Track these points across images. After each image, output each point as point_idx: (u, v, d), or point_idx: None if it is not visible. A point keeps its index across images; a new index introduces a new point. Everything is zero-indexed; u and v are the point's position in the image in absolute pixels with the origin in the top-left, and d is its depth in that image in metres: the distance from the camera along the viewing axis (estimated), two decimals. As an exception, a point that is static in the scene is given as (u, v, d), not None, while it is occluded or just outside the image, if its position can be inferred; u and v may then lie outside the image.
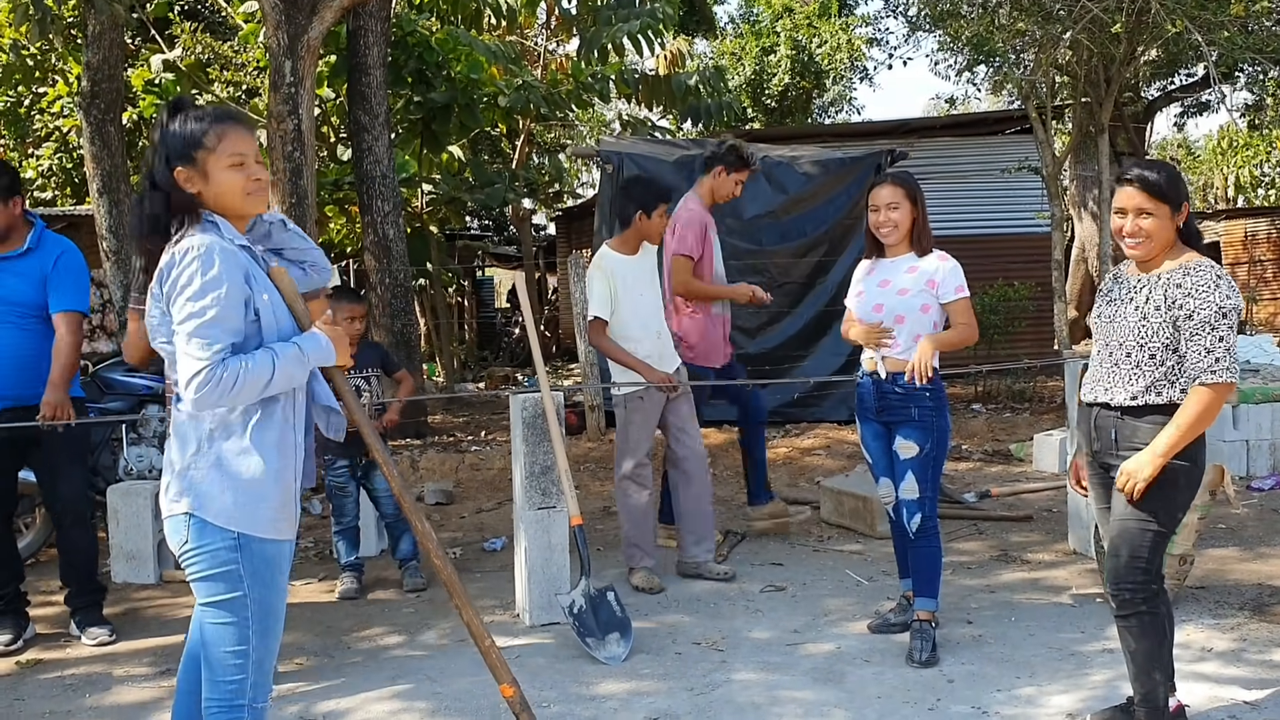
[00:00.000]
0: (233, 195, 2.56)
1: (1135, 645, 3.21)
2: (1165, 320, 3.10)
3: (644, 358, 5.05)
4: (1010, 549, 5.65)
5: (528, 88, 12.83)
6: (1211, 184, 27.37)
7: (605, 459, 8.39)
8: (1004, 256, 12.74)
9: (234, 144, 2.55)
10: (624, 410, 5.14)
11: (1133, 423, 3.18)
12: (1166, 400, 3.12)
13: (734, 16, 26.71)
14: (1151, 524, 3.13)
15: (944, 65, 13.12)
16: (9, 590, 4.55)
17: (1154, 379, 3.14)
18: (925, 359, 4.01)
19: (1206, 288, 3.05)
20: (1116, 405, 3.20)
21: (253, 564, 2.53)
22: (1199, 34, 8.64)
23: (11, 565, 4.58)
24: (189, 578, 2.56)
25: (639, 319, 5.10)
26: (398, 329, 9.50)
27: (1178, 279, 3.10)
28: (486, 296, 23.80)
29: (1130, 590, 3.17)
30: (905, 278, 4.18)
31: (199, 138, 2.54)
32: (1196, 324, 3.04)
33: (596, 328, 5.10)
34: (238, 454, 2.50)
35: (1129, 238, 3.16)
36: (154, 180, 2.56)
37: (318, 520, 6.60)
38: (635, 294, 5.10)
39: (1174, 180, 3.14)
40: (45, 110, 13.98)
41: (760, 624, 4.59)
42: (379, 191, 9.51)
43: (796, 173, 9.56)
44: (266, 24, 8.11)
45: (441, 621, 4.72)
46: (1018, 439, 8.62)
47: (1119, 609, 3.21)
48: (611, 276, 5.06)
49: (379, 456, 2.94)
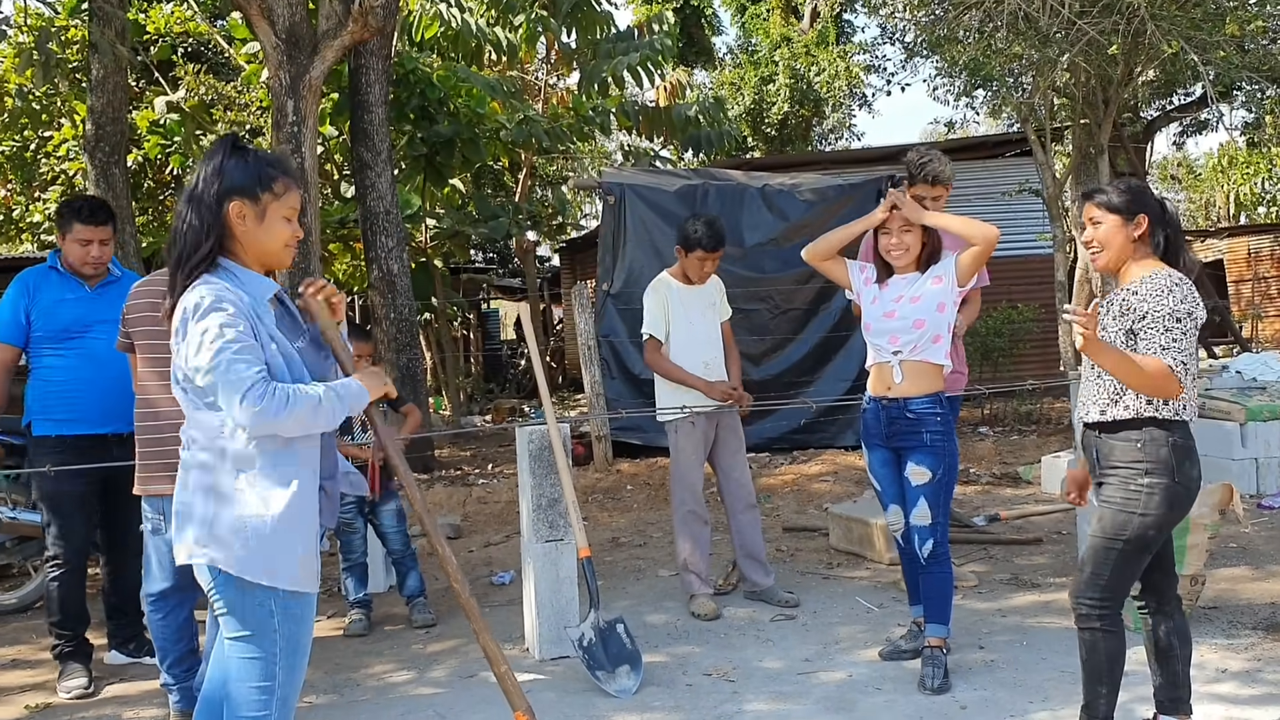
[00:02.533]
0: (277, 244, 2.64)
1: (1086, 657, 3.28)
2: (1120, 327, 3.16)
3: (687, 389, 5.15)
4: (1021, 572, 5.62)
5: (529, 122, 12.91)
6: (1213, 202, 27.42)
7: (613, 489, 8.39)
8: (1007, 279, 12.70)
9: (294, 198, 2.66)
10: (674, 435, 5.22)
11: (1110, 441, 3.22)
12: (1134, 414, 3.14)
13: (732, 47, 26.99)
14: (1117, 542, 3.15)
15: (942, 90, 13.15)
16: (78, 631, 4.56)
17: (1115, 388, 3.17)
18: None
19: (1159, 293, 3.11)
20: (1093, 422, 3.26)
21: (282, 600, 2.53)
22: (1195, 54, 8.68)
23: (83, 608, 4.60)
24: (218, 612, 2.56)
25: (686, 346, 5.18)
26: (403, 363, 9.52)
27: (1135, 286, 3.18)
28: (492, 329, 23.86)
29: (1088, 605, 3.22)
30: (915, 287, 4.20)
31: (270, 181, 2.60)
32: (1148, 323, 3.10)
33: (650, 346, 5.22)
34: (257, 502, 2.49)
35: (1086, 246, 3.33)
36: (199, 207, 2.57)
37: (326, 557, 6.58)
38: (686, 320, 5.19)
39: (1125, 193, 3.25)
40: (51, 154, 14.06)
41: (771, 653, 4.56)
42: (383, 227, 9.56)
43: (797, 200, 9.60)
44: (268, 64, 8.18)
45: (450, 658, 4.70)
46: (1025, 461, 8.59)
47: (1077, 620, 3.27)
48: (665, 299, 5.19)
49: (405, 480, 2.95)
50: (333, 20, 8.12)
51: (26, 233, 15.05)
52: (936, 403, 4.14)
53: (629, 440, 9.40)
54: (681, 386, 5.16)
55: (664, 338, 5.20)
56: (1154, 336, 3.08)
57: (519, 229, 14.81)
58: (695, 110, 14.38)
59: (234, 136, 2.70)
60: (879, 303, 4.27)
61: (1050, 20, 8.96)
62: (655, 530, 7.11)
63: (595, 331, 9.23)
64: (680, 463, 5.23)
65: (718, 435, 5.28)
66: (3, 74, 13.13)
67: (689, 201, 9.46)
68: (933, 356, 4.16)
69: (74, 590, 4.54)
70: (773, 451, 9.34)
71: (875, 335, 4.26)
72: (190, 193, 2.61)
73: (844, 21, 24.41)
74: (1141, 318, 3.11)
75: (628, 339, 9.36)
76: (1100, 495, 3.25)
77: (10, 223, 15.17)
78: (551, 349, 20.11)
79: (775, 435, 9.40)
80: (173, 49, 13.59)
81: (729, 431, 5.30)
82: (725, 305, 5.41)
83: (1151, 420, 3.13)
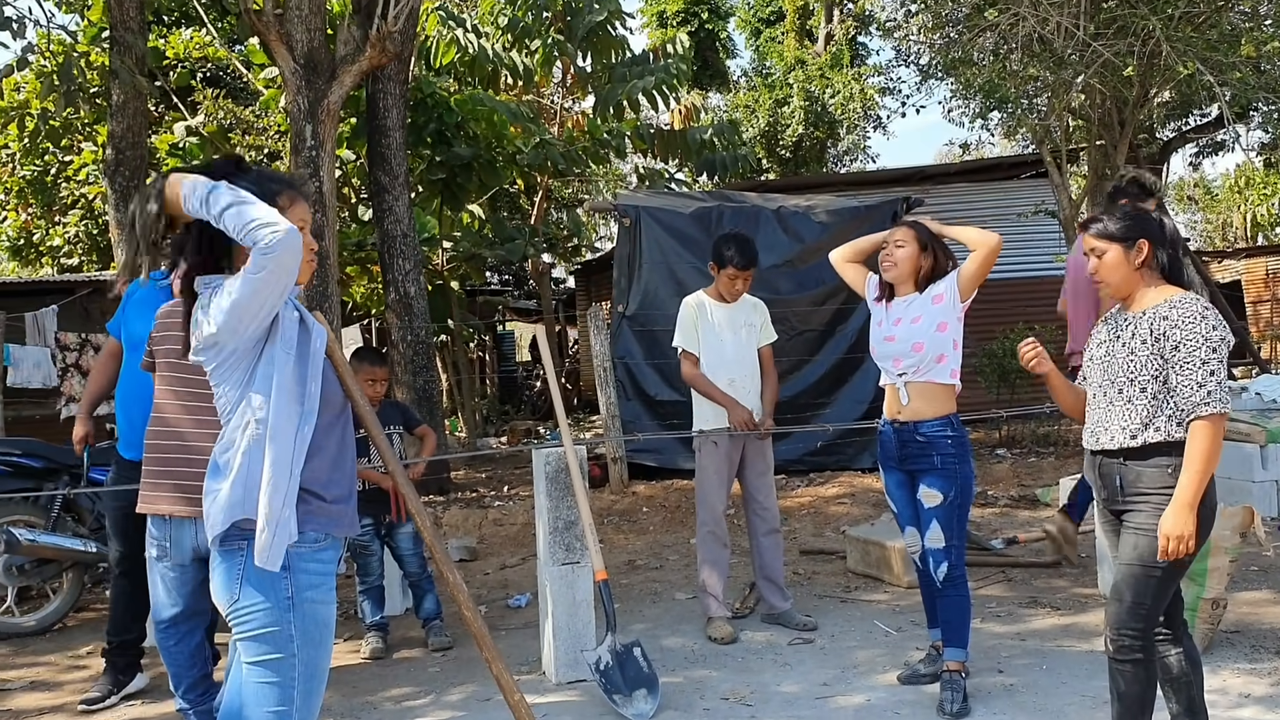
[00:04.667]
0: None
1: (1125, 689, 3.21)
2: (1153, 353, 3.12)
3: (717, 409, 5.16)
4: (1039, 595, 5.58)
5: (545, 145, 12.99)
6: (1230, 222, 27.32)
7: (629, 511, 8.37)
8: (1023, 300, 12.71)
9: (302, 210, 2.67)
10: (699, 455, 5.24)
11: (1136, 468, 3.16)
12: (1165, 436, 3.10)
13: (747, 70, 27.10)
14: (1155, 569, 3.10)
15: (957, 112, 13.20)
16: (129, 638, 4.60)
17: (1148, 413, 3.13)
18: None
19: (1193, 320, 3.07)
20: (1118, 448, 3.18)
21: (304, 624, 2.53)
22: (1211, 75, 8.67)
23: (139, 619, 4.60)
24: (237, 637, 2.55)
25: (713, 363, 5.19)
26: (420, 385, 9.55)
27: (1164, 311, 3.13)
28: (507, 350, 23.89)
29: (1130, 636, 3.15)
30: (915, 308, 4.21)
31: (274, 196, 2.61)
32: (1184, 355, 3.06)
33: (684, 360, 5.25)
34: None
35: (1092, 277, 3.31)
36: (203, 227, 2.56)
37: (342, 579, 6.58)
38: (716, 338, 5.21)
39: (1122, 220, 3.24)
40: (71, 178, 14.24)
41: (789, 677, 4.54)
42: (400, 250, 9.62)
43: (813, 221, 9.61)
44: (287, 89, 8.26)
45: (467, 681, 4.69)
46: (1043, 483, 8.55)
47: (1116, 653, 3.19)
48: (697, 314, 5.24)
49: (413, 507, 2.95)
50: (351, 45, 8.20)
51: (46, 256, 15.19)
52: (948, 425, 4.13)
53: (645, 462, 9.39)
54: (716, 405, 5.17)
55: (694, 350, 5.21)
56: (1190, 371, 3.04)
57: (535, 251, 14.87)
58: (710, 133, 14.45)
59: (236, 156, 2.70)
60: (882, 325, 4.30)
61: (1065, 42, 8.97)
62: (671, 553, 7.10)
63: (610, 353, 9.24)
64: (702, 483, 5.24)
65: (745, 456, 5.27)
66: (25, 99, 13.31)
67: (704, 224, 9.48)
68: (938, 377, 4.15)
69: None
70: (790, 474, 9.31)
71: (879, 358, 4.31)
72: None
73: (858, 44, 24.52)
74: (1175, 347, 3.07)
75: (643, 361, 9.37)
76: (1128, 523, 3.19)
77: (30, 246, 15.32)
78: (567, 371, 20.14)
79: (792, 457, 9.38)
80: (192, 74, 13.76)
81: (757, 454, 5.29)
82: (769, 330, 5.39)
83: (1182, 444, 3.09)
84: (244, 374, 2.52)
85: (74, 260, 14.66)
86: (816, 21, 24.64)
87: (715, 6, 23.71)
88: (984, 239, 4.18)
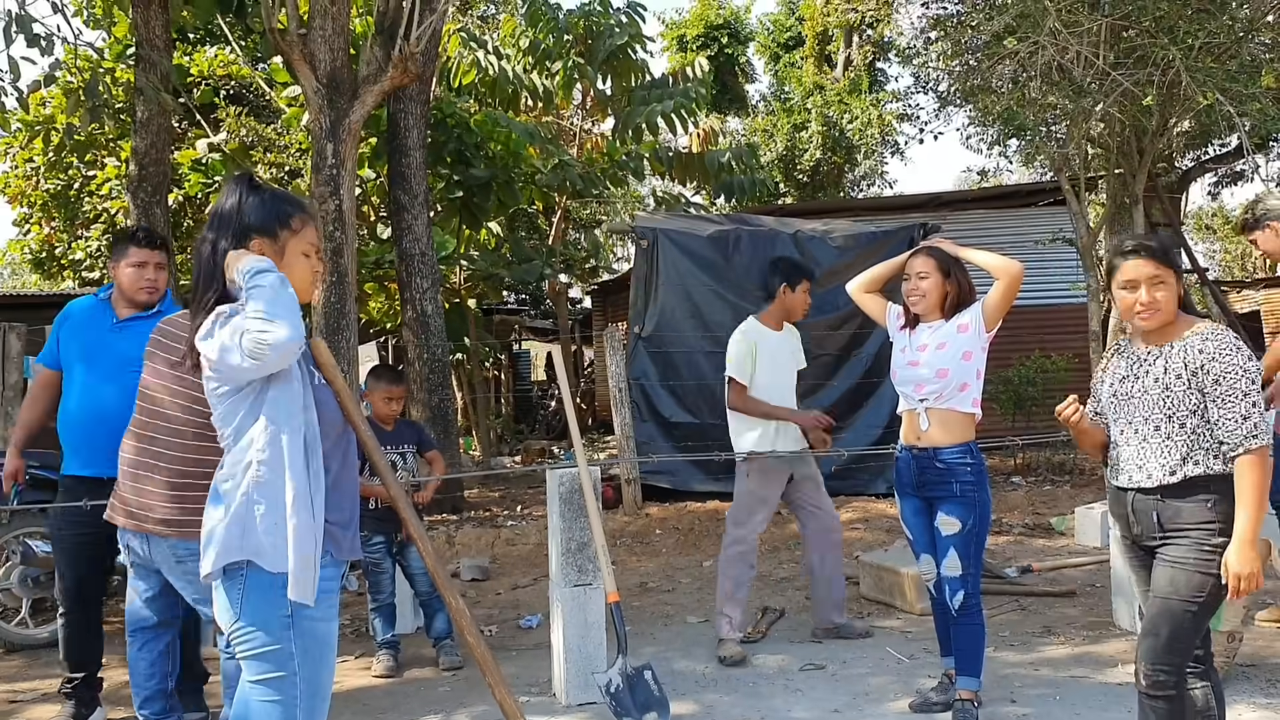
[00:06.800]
0: (298, 280, 2.66)
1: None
2: (1190, 388, 3.07)
3: (763, 433, 5.17)
4: (1054, 625, 5.55)
5: (564, 166, 13.05)
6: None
7: (642, 534, 8.36)
8: (1040, 328, 12.69)
9: (312, 233, 2.70)
10: (744, 475, 5.23)
11: (1175, 504, 3.10)
12: (1204, 470, 3.06)
13: (765, 94, 27.17)
14: (1194, 605, 3.06)
15: (975, 139, 13.21)
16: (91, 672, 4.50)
17: (1188, 449, 3.08)
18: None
19: (1230, 352, 3.03)
20: (1156, 485, 3.13)
21: (304, 641, 2.53)
22: (1231, 106, 8.66)
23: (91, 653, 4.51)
24: (239, 655, 2.56)
25: (768, 391, 5.20)
26: (435, 403, 9.57)
27: (1198, 345, 3.07)
28: (523, 369, 23.91)
29: (1166, 672, 3.09)
30: (940, 334, 4.21)
31: (287, 218, 2.65)
32: (1225, 389, 3.01)
33: (736, 390, 5.21)
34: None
35: (1144, 310, 3.13)
36: (214, 245, 2.61)
37: (354, 597, 6.60)
38: (772, 367, 5.23)
39: (1167, 248, 3.19)
40: (94, 193, 14.37)
41: (800, 703, 4.52)
42: (418, 269, 9.67)
43: (830, 246, 9.62)
44: (309, 108, 8.33)
45: (478, 701, 4.68)
46: (1058, 512, 8.50)
47: (1150, 689, 3.12)
48: (755, 345, 5.21)
49: (414, 531, 2.96)
50: (373, 66, 8.27)
51: (68, 269, 15.32)
52: (967, 453, 4.13)
53: (659, 484, 9.38)
54: (757, 429, 5.18)
55: (746, 381, 5.19)
56: (1233, 405, 3.00)
57: (552, 271, 14.92)
58: (728, 156, 14.49)
59: (250, 175, 2.73)
60: (906, 351, 4.29)
61: (1084, 71, 8.98)
62: (684, 576, 7.08)
63: (626, 374, 9.25)
64: (742, 504, 5.24)
65: (797, 481, 5.30)
66: (51, 114, 13.47)
67: (722, 247, 9.50)
68: (959, 405, 4.15)
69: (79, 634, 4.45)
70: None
71: (901, 383, 4.29)
72: (209, 232, 2.64)
73: (877, 70, 24.55)
74: (1216, 381, 3.02)
75: (658, 382, 9.37)
76: (1164, 557, 3.12)
77: (53, 259, 15.46)
78: (582, 390, 20.15)
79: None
80: (215, 92, 13.89)
81: (808, 478, 5.34)
82: (802, 355, 5.45)
83: (1221, 477, 3.06)
84: (245, 406, 2.53)
85: (95, 274, 14.77)
86: (836, 47, 24.70)
87: (735, 31, 23.80)
88: (1006, 268, 4.17)
